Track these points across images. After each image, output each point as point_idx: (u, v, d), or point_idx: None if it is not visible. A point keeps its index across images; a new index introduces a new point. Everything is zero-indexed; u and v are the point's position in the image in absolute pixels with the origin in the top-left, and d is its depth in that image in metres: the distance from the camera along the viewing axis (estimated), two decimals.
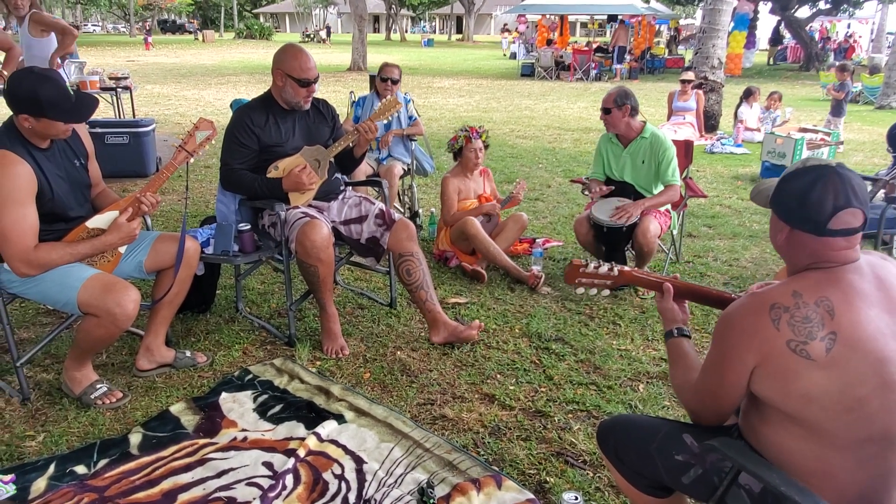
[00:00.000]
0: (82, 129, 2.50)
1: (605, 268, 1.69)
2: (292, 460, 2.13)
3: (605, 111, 3.56)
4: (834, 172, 1.29)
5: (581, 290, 1.73)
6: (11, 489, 1.99)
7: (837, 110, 8.80)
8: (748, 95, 8.77)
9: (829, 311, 1.25)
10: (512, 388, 2.65)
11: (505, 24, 34.20)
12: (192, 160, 2.52)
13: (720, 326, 1.34)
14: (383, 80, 4.51)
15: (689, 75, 8.86)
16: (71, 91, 2.27)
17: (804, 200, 1.29)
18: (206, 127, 2.52)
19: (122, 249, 2.48)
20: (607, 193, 3.64)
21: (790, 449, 1.31)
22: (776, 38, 27.07)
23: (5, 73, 4.84)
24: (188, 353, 2.77)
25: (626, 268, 1.70)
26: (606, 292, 1.74)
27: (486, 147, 4.03)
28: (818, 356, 1.23)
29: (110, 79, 7.54)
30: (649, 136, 3.58)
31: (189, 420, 2.38)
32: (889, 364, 1.24)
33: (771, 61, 25.93)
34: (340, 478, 2.09)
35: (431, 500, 1.94)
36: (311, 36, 41.14)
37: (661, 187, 3.63)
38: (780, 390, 1.27)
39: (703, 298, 1.70)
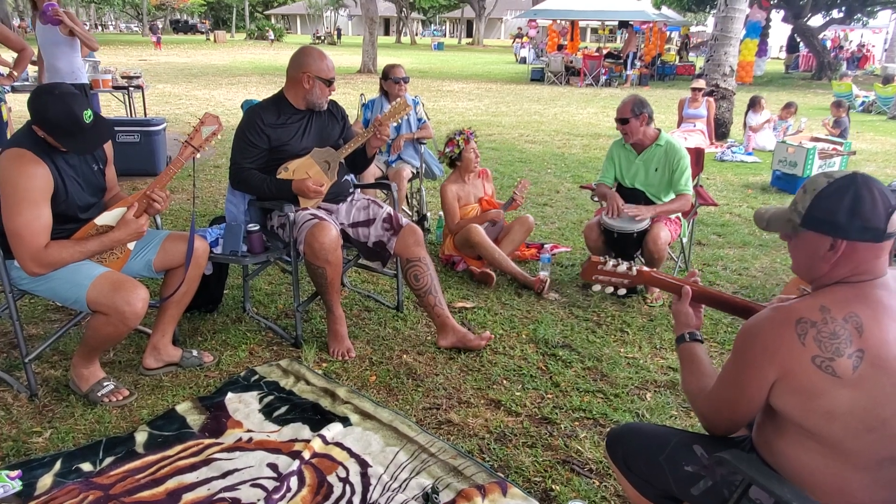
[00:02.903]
0: None
1: (623, 266, 1.64)
2: (297, 462, 2.13)
3: (623, 121, 3.51)
4: (864, 179, 1.27)
5: (597, 288, 1.68)
6: (17, 485, 2.00)
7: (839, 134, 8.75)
8: (753, 105, 8.72)
9: (857, 327, 1.21)
10: (518, 394, 2.64)
11: (519, 28, 34.00)
12: (198, 155, 2.52)
13: (741, 338, 1.31)
14: (395, 82, 4.49)
15: (700, 83, 8.81)
16: (87, 119, 2.20)
17: (857, 211, 1.25)
18: (212, 122, 2.50)
19: (131, 247, 2.49)
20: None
21: (806, 465, 1.29)
22: (793, 46, 26.78)
23: (15, 73, 4.88)
24: (195, 353, 2.77)
25: (645, 268, 1.67)
26: (622, 291, 1.70)
27: None
28: (844, 374, 1.19)
29: (122, 77, 7.61)
30: (664, 144, 3.56)
31: (195, 419, 2.38)
32: None
33: (786, 70, 25.77)
34: (345, 481, 2.08)
35: None
36: (322, 38, 41.35)
37: (672, 195, 3.61)
38: (801, 406, 1.24)
39: (723, 305, 1.62)
